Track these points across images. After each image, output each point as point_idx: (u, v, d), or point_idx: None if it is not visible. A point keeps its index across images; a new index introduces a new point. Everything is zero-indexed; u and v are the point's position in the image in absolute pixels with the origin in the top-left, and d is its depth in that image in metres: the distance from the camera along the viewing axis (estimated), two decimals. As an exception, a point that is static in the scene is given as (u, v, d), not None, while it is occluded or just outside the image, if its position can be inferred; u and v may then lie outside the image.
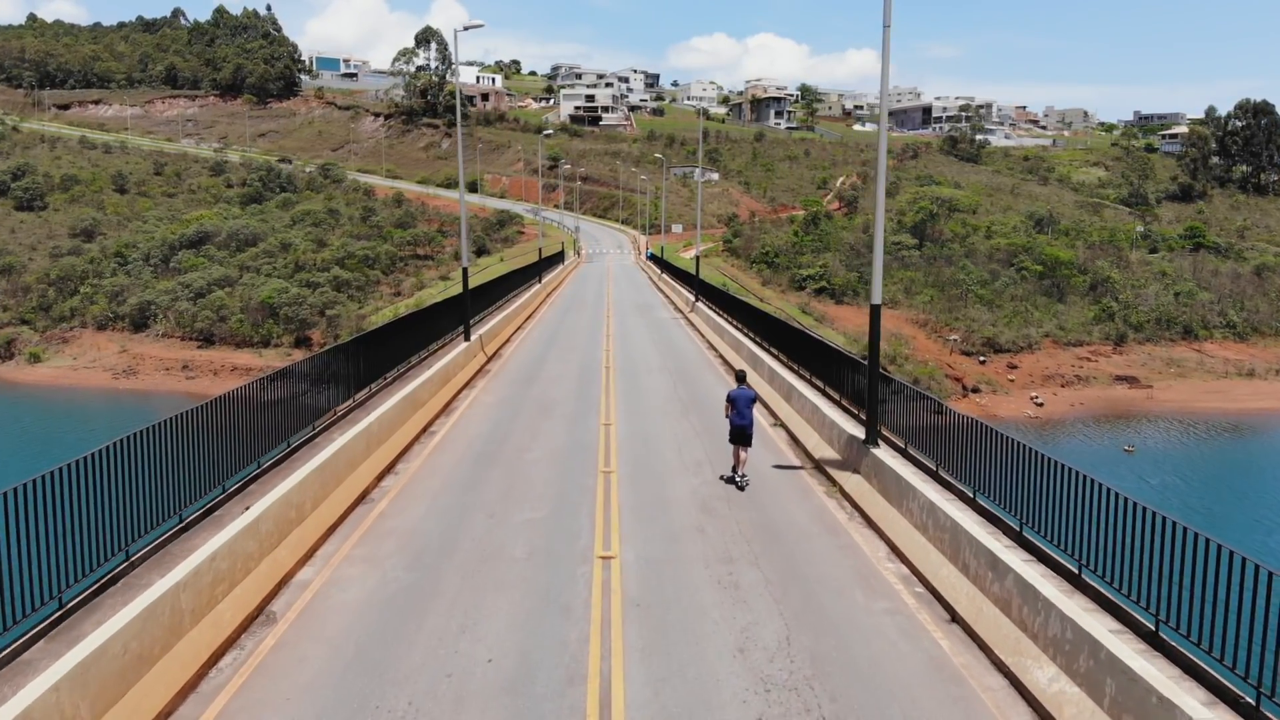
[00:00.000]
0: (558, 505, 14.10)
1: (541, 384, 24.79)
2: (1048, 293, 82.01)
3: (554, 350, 31.41)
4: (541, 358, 29.63)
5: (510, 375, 26.30)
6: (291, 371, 14.60)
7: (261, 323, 70.32)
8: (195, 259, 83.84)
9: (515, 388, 24.22)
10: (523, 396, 22.90)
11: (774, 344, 26.17)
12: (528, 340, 34.50)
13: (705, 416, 20.78)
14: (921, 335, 69.07)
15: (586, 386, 24.25)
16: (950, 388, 59.64)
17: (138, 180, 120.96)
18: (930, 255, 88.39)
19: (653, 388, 24.33)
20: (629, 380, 25.28)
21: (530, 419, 20.26)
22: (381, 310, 71.81)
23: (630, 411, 21.17)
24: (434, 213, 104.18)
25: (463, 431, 19.08)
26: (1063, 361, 67.81)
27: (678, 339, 35.00)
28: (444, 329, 26.31)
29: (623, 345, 32.50)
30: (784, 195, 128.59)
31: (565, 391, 23.68)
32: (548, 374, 26.32)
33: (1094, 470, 9.47)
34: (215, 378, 66.59)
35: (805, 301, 73.73)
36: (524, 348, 32.26)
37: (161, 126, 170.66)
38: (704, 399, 23.01)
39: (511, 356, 30.19)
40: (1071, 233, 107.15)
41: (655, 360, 29.23)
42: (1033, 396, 60.73)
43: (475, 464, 16.50)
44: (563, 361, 28.86)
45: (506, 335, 34.18)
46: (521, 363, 28.74)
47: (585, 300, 51.88)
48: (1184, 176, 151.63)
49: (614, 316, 42.42)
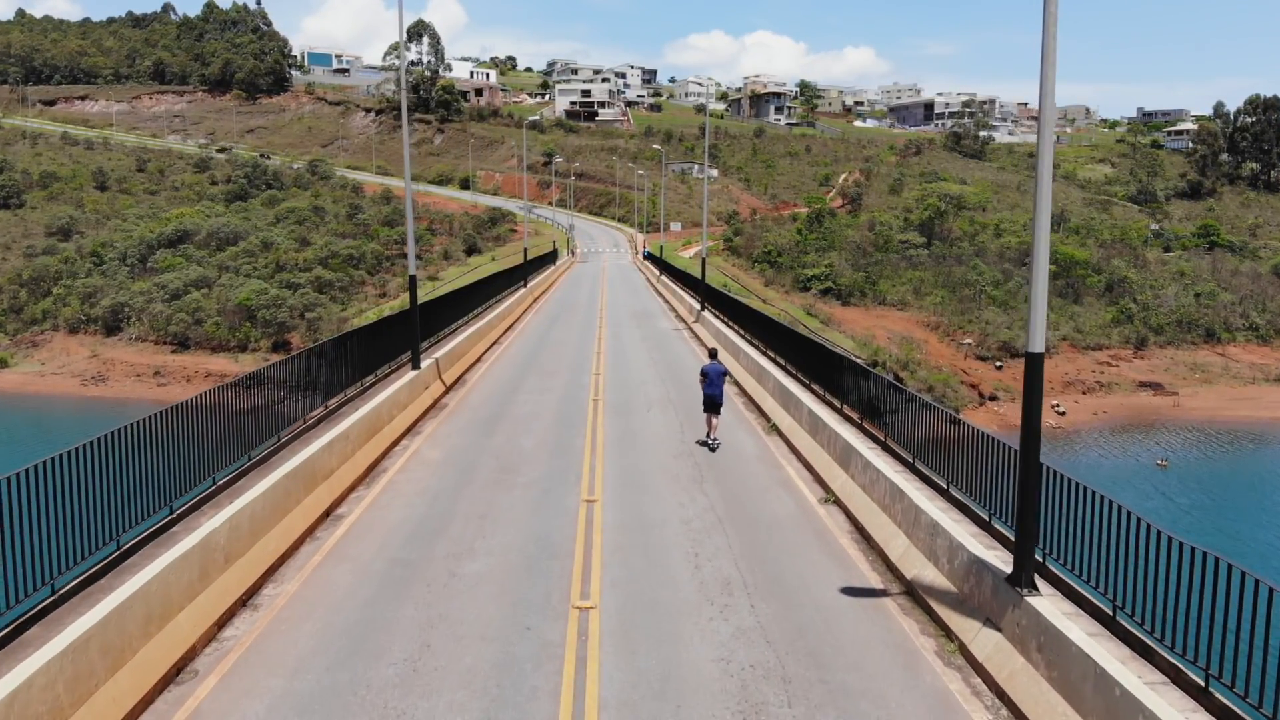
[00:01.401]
0: (495, 702, 8.07)
1: (508, 428, 19.24)
2: (1062, 294, 78.64)
3: (531, 375, 26.11)
4: (515, 386, 24.29)
5: (470, 414, 20.75)
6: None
7: (239, 326, 66.77)
8: (172, 259, 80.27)
9: (472, 434, 18.71)
10: (479, 449, 17.42)
11: (814, 377, 19.45)
12: (502, 360, 29.01)
13: (729, 488, 14.89)
14: (934, 339, 65.68)
15: (567, 432, 18.85)
16: (966, 396, 56.26)
17: (119, 177, 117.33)
18: (939, 254, 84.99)
19: (654, 435, 18.73)
20: (623, 421, 19.90)
21: (481, 492, 14.56)
22: (365, 312, 68.27)
23: (623, 477, 15.54)
24: (423, 210, 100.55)
25: (378, 520, 13.11)
26: (1082, 366, 64.46)
27: (682, 359, 29.35)
28: (389, 353, 20.84)
29: (616, 368, 27.36)
30: (785, 192, 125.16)
31: (538, 440, 18.17)
32: (519, 411, 21.01)
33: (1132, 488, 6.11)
34: (188, 384, 63.00)
35: (810, 303, 70.32)
36: (495, 371, 26.86)
37: (148, 122, 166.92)
38: (727, 458, 16.80)
39: (477, 384, 24.54)
40: (1082, 231, 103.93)
41: (656, 389, 23.97)
42: (1053, 405, 57.33)
43: (378, 594, 10.41)
44: (541, 391, 23.52)
45: (477, 354, 28.80)
46: (488, 394, 23.15)
47: (576, 306, 47.06)
48: (1193, 173, 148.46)
49: (607, 327, 37.35)
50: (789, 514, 13.76)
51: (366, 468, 15.43)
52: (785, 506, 14.17)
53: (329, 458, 13.76)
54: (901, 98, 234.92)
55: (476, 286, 35.70)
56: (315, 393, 15.73)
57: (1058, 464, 9.37)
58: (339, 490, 13.89)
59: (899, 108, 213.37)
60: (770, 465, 16.83)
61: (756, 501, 14.37)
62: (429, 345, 25.10)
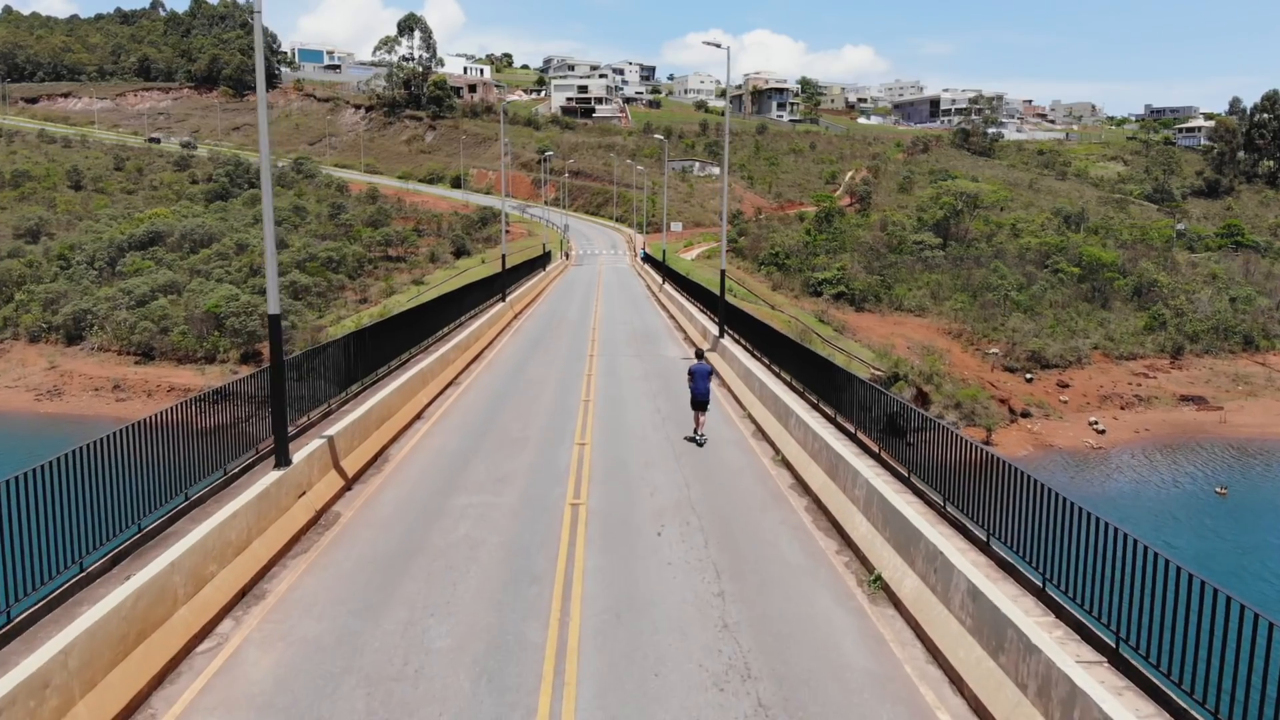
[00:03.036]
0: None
1: (413, 590, 10.89)
2: (1088, 298, 73.92)
3: (486, 449, 17.25)
4: (456, 474, 15.58)
5: (365, 545, 12.36)
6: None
7: (207, 335, 61.86)
8: (141, 262, 75.37)
9: (350, 605, 10.48)
10: (354, 652, 9.35)
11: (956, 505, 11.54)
12: (451, 417, 20.17)
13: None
14: (957, 348, 60.85)
15: (517, 601, 10.64)
16: (997, 412, 51.42)
17: (95, 176, 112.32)
18: (956, 256, 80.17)
19: (674, 607, 10.53)
20: (618, 566, 11.73)
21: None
22: (344, 320, 63.39)
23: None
24: (411, 210, 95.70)
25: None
26: (1117, 378, 59.63)
27: (709, 420, 19.44)
28: (238, 445, 13.13)
29: (611, 433, 18.80)
30: (790, 190, 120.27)
31: (460, 626, 9.95)
32: (446, 536, 12.65)
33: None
34: (149, 400, 58.12)
35: (822, 308, 65.50)
36: (433, 442, 17.87)
37: (131, 120, 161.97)
38: (797, 669, 9.19)
39: (398, 471, 15.82)
40: (1101, 231, 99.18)
41: (670, 483, 15.16)
42: (1092, 422, 52.53)
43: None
44: (493, 486, 14.86)
45: (414, 410, 20.02)
46: (407, 494, 14.52)
47: (564, 324, 38.54)
48: (1210, 171, 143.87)
49: (600, 358, 29.14)
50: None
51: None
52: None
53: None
54: (904, 94, 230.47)
55: (437, 305, 27.86)
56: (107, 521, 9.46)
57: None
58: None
59: (904, 104, 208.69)
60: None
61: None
62: (335, 408, 17.05)
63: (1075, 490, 45.29)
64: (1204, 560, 34.99)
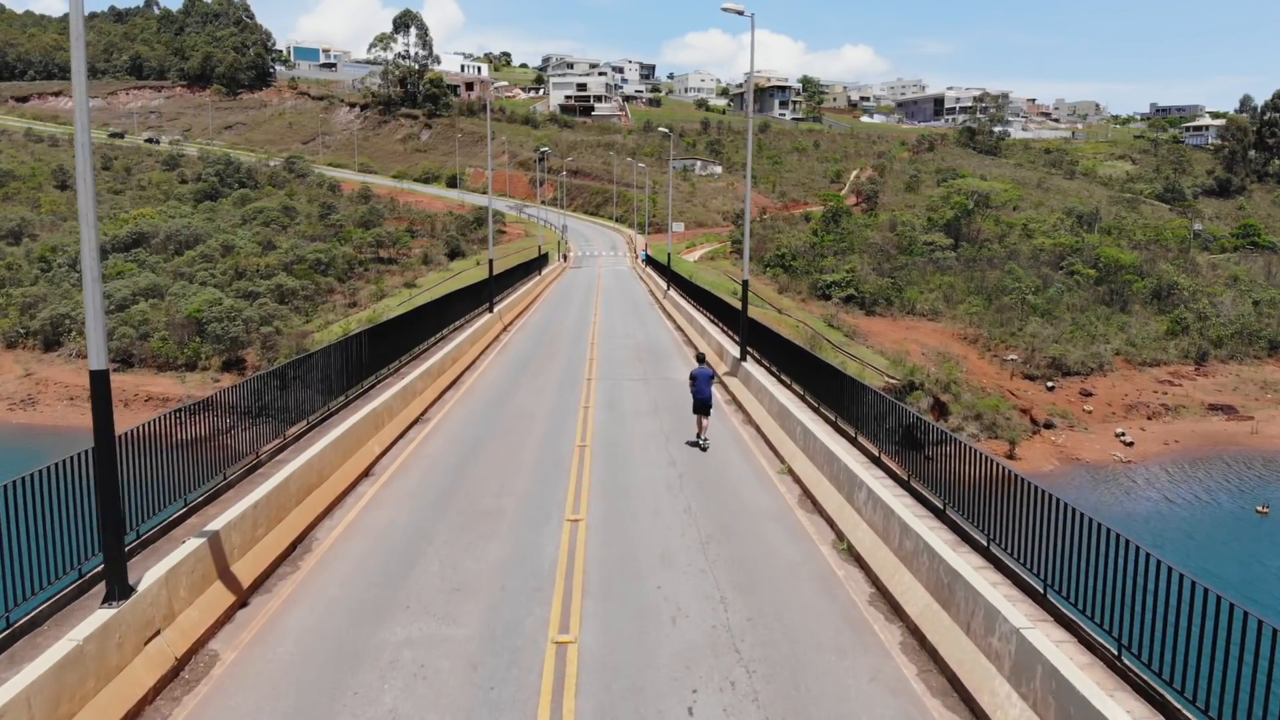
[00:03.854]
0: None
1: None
2: (1106, 301, 71.21)
3: (442, 534, 12.91)
4: (391, 589, 11.02)
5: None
6: None
7: (187, 341, 59.09)
8: (123, 264, 72.61)
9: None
10: None
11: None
12: (406, 477, 15.86)
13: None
14: (973, 354, 58.11)
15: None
16: (1019, 424, 48.65)
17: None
18: (968, 257, 77.45)
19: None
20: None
21: None
22: (331, 325, 60.62)
23: None
24: (404, 210, 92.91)
25: None
26: (1142, 386, 56.88)
27: (740, 486, 15.70)
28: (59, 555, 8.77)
29: (614, 500, 14.65)
30: (794, 190, 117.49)
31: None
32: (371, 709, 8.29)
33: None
34: (125, 410, 55.33)
35: (831, 313, 62.74)
36: (378, 520, 13.50)
37: (122, 119, 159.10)
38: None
39: (318, 574, 11.48)
40: (1114, 231, 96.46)
41: (695, 585, 11.27)
42: (1118, 434, 49.79)
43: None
44: (446, 609, 10.45)
45: (364, 463, 15.81)
46: (319, 627, 10.00)
47: (559, 337, 34.18)
48: (1220, 170, 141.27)
49: (600, 381, 25.16)
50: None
51: None
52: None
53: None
54: (906, 93, 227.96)
55: (408, 321, 23.66)
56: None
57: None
58: None
59: (907, 103, 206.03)
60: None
61: None
62: (247, 472, 12.87)
63: (1108, 512, 42.56)
64: (1247, 589, 32.25)
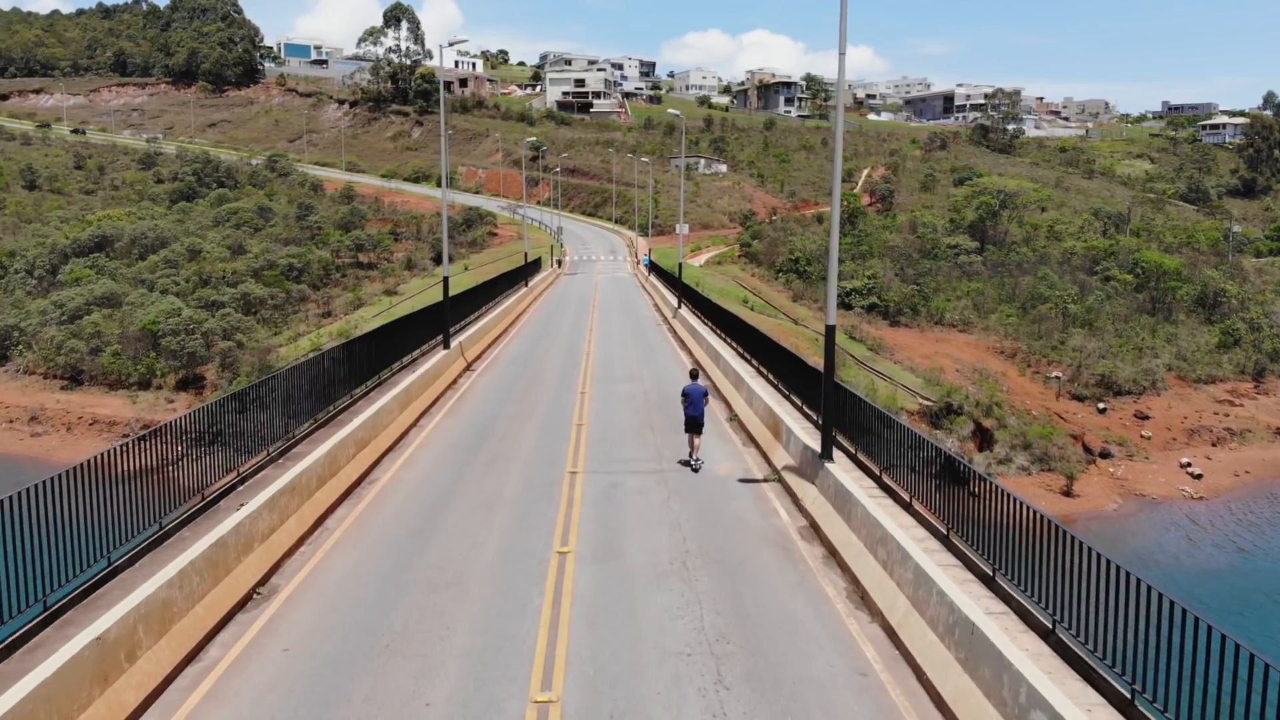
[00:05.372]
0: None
1: None
2: (1148, 310, 65.57)
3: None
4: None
5: None
6: None
7: (142, 357, 53.33)
8: (82, 270, 66.85)
9: None
10: None
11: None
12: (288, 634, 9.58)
13: None
14: (1012, 371, 52.40)
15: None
16: (1073, 453, 42.92)
17: (51, 175, 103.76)
18: (995, 261, 71.75)
19: None
20: None
21: None
22: (301, 338, 54.87)
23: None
24: (389, 210, 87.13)
25: None
26: (1200, 407, 51.19)
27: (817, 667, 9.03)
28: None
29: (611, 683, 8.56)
30: (804, 189, 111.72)
31: None
32: None
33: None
34: (69, 434, 49.68)
35: (853, 324, 57.01)
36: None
37: (105, 117, 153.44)
38: None
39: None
40: (1143, 233, 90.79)
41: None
42: (1183, 464, 44.07)
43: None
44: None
45: (219, 613, 9.76)
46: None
47: (537, 388, 24.42)
48: (1244, 169, 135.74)
49: (589, 481, 15.75)
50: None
51: None
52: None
53: None
54: (911, 91, 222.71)
55: (296, 379, 15.32)
56: None
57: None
58: None
59: (915, 100, 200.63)
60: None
61: None
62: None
63: (1193, 565, 36.45)
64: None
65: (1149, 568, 33.98)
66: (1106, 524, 37.61)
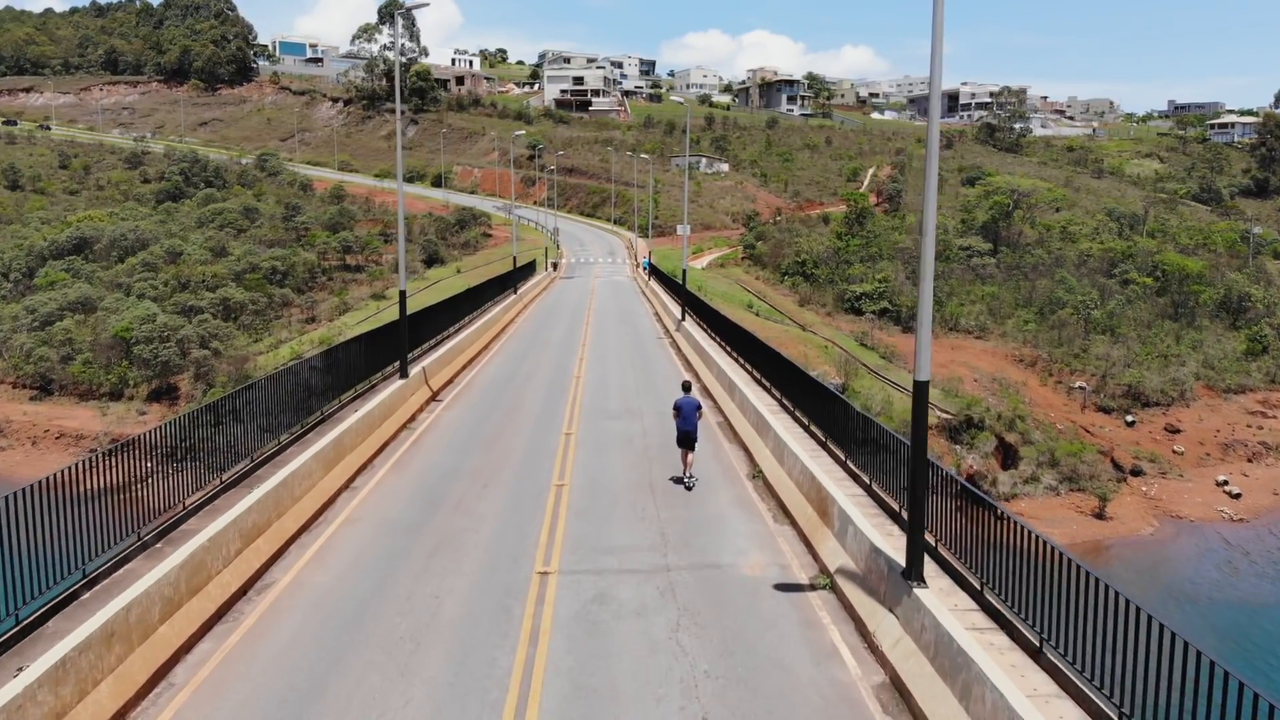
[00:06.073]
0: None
1: None
2: (1170, 314, 62.80)
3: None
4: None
5: None
6: None
7: (114, 365, 50.52)
8: (57, 274, 64.06)
9: None
10: None
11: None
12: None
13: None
14: (1033, 380, 49.59)
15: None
16: (1104, 471, 40.11)
17: (34, 175, 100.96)
18: (1009, 264, 68.96)
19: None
20: None
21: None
22: (281, 345, 52.06)
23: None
24: (380, 211, 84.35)
25: None
26: (1232, 419, 48.39)
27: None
28: None
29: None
30: (808, 189, 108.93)
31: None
32: None
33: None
34: (33, 449, 46.84)
35: (863, 330, 54.24)
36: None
37: (94, 115, 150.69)
38: None
39: None
40: (1157, 234, 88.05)
41: None
42: (1220, 481, 41.28)
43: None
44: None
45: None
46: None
47: (511, 428, 20.15)
48: (1256, 169, 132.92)
49: (562, 606, 10.89)
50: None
51: None
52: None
53: None
54: (915, 90, 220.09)
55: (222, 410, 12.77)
56: None
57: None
58: None
59: (919, 99, 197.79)
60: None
61: None
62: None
63: (1236, 598, 33.37)
64: None
65: (1192, 602, 31.21)
66: (1144, 550, 34.81)
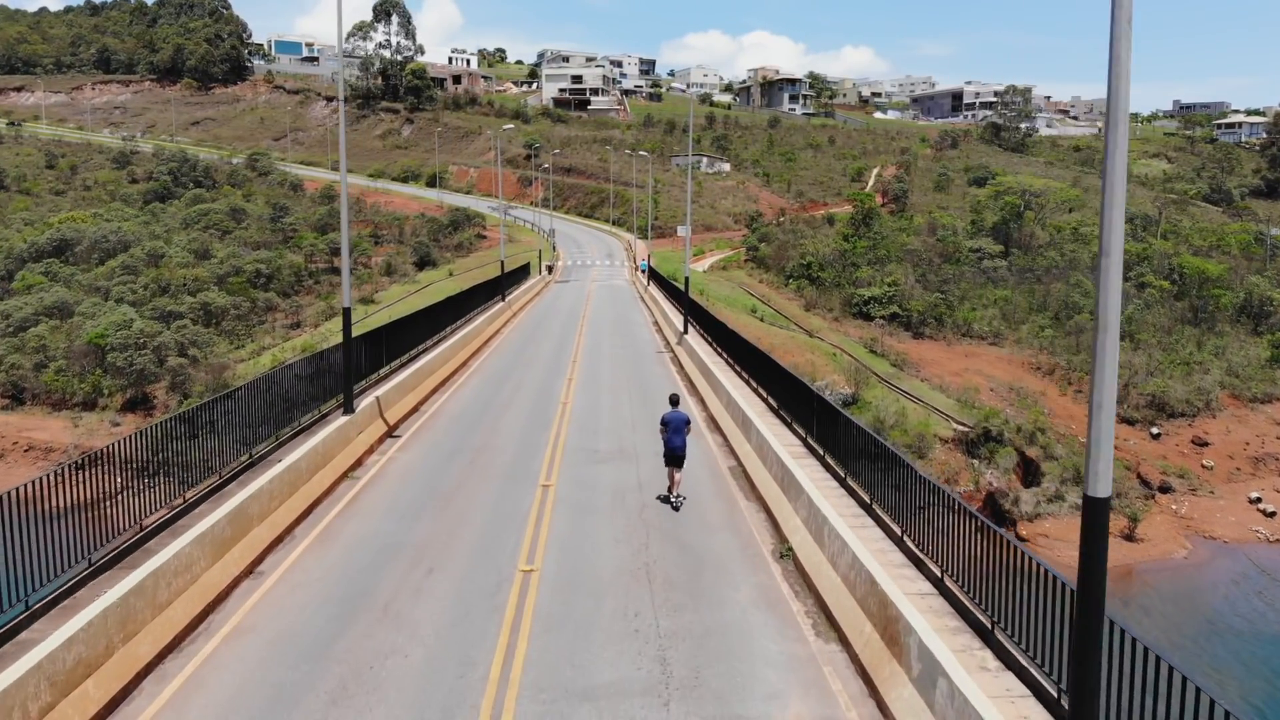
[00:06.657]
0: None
1: None
2: (1189, 319, 60.49)
3: None
4: None
5: None
6: None
7: (88, 373, 48.19)
8: (35, 277, 61.76)
9: None
10: None
11: None
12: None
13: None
14: (1052, 389, 47.25)
15: None
16: (1130, 487, 37.78)
17: (19, 175, 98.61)
18: (1022, 267, 66.65)
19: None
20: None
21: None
22: (263, 353, 49.72)
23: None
24: (373, 212, 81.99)
25: None
26: (1261, 430, 46.05)
27: None
28: None
29: None
30: (812, 189, 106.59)
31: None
32: None
33: None
34: (0, 463, 44.51)
35: (873, 336, 51.88)
36: None
37: (85, 115, 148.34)
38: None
39: None
40: (1169, 236, 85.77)
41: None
42: (1253, 498, 38.95)
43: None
44: None
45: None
46: None
47: (484, 473, 16.56)
48: (1267, 170, 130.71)
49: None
50: None
51: None
52: None
53: None
54: (917, 89, 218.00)
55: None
56: None
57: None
58: None
59: (923, 98, 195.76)
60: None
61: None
62: None
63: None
64: None
65: (1237, 636, 28.85)
66: (1178, 576, 32.46)
